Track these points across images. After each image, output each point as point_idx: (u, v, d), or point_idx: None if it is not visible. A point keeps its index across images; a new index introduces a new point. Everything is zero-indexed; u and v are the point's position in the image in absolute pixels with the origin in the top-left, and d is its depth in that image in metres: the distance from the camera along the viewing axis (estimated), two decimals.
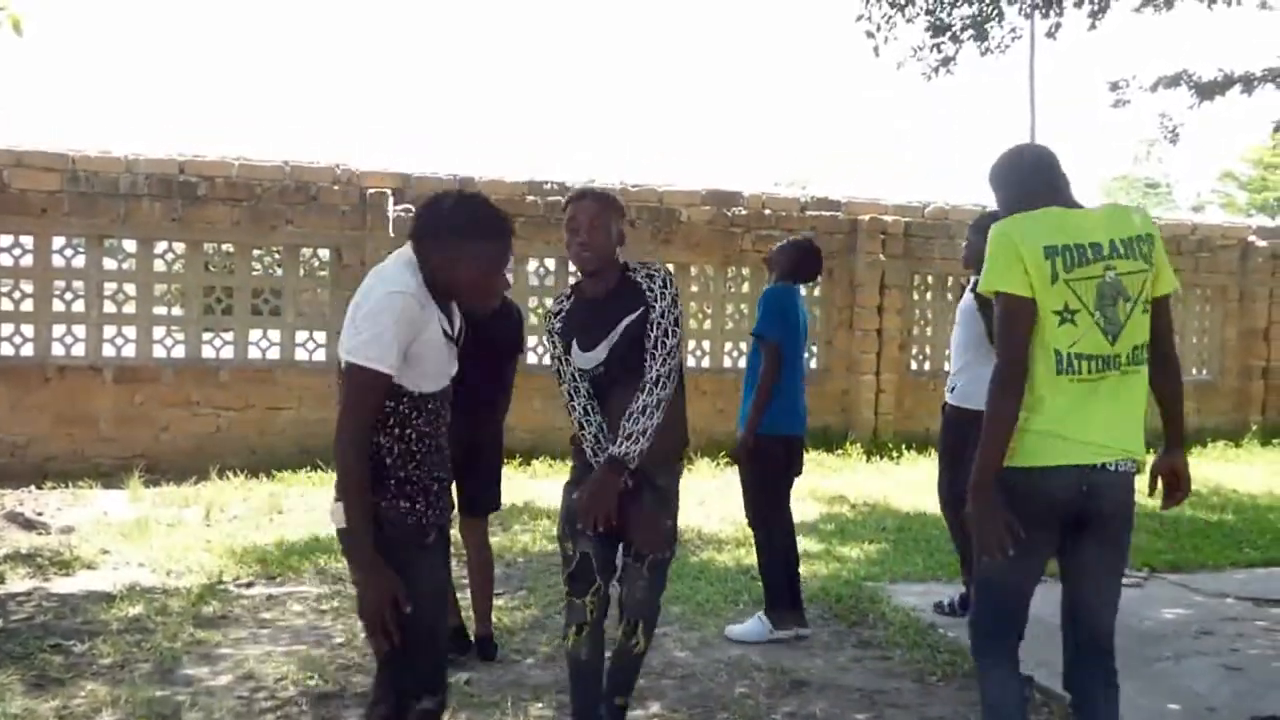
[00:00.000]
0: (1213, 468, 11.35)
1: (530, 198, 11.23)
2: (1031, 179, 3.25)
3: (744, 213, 11.94)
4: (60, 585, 6.06)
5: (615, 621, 3.78)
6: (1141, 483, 3.23)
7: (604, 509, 3.51)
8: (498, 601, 5.84)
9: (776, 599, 5.33)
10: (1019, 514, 3.07)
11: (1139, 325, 3.09)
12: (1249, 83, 10.20)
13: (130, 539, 7.06)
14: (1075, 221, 3.08)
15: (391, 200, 10.57)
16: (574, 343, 3.67)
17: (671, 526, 3.75)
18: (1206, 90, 10.25)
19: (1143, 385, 3.15)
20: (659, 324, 3.57)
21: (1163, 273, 3.14)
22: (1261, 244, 13.88)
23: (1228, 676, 4.72)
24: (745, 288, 12.11)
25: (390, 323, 2.77)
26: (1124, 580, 6.56)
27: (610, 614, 3.79)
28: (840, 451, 11.38)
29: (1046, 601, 5.80)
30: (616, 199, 3.73)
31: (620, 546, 3.72)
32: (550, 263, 11.45)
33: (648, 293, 3.60)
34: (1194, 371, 13.94)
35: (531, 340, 11.15)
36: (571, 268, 11.34)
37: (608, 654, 3.83)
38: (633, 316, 3.58)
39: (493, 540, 7.21)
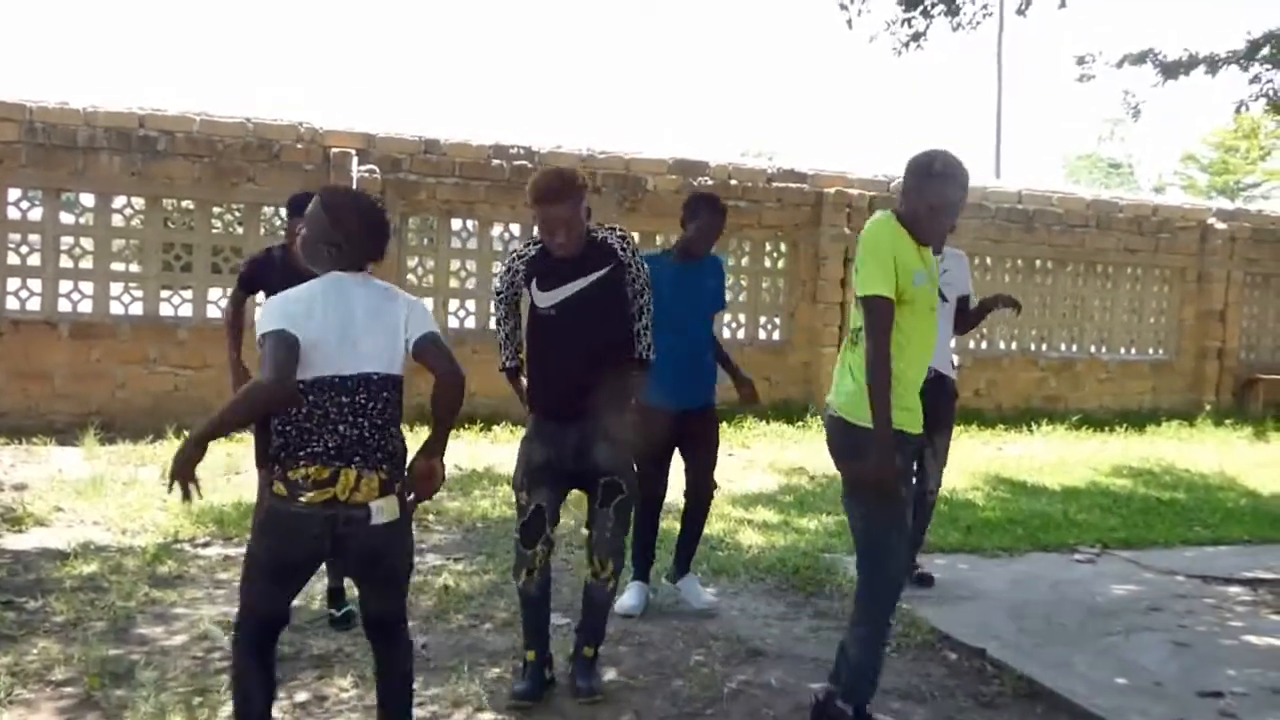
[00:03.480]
0: (1166, 446, 11.53)
1: (496, 161, 11.15)
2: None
3: (710, 183, 11.89)
4: (13, 542, 5.98)
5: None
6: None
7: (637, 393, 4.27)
8: (456, 566, 5.84)
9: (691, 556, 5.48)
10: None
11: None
12: (1213, 63, 10.26)
13: (85, 497, 6.98)
14: None
15: (355, 160, 10.45)
16: (534, 282, 4.04)
17: (632, 474, 4.17)
18: (1171, 69, 10.31)
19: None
20: (636, 273, 4.11)
21: None
22: (1221, 226, 14.04)
23: (1176, 652, 4.79)
24: None
25: None
26: (1076, 556, 6.71)
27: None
28: (800, 424, 11.42)
29: (997, 579, 5.91)
30: (578, 182, 3.91)
31: (588, 495, 4.14)
32: (515, 228, 11.38)
33: (620, 251, 4.05)
34: (1150, 351, 14.12)
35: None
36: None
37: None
38: (603, 271, 4.00)
39: (451, 505, 7.23)
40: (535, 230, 4.02)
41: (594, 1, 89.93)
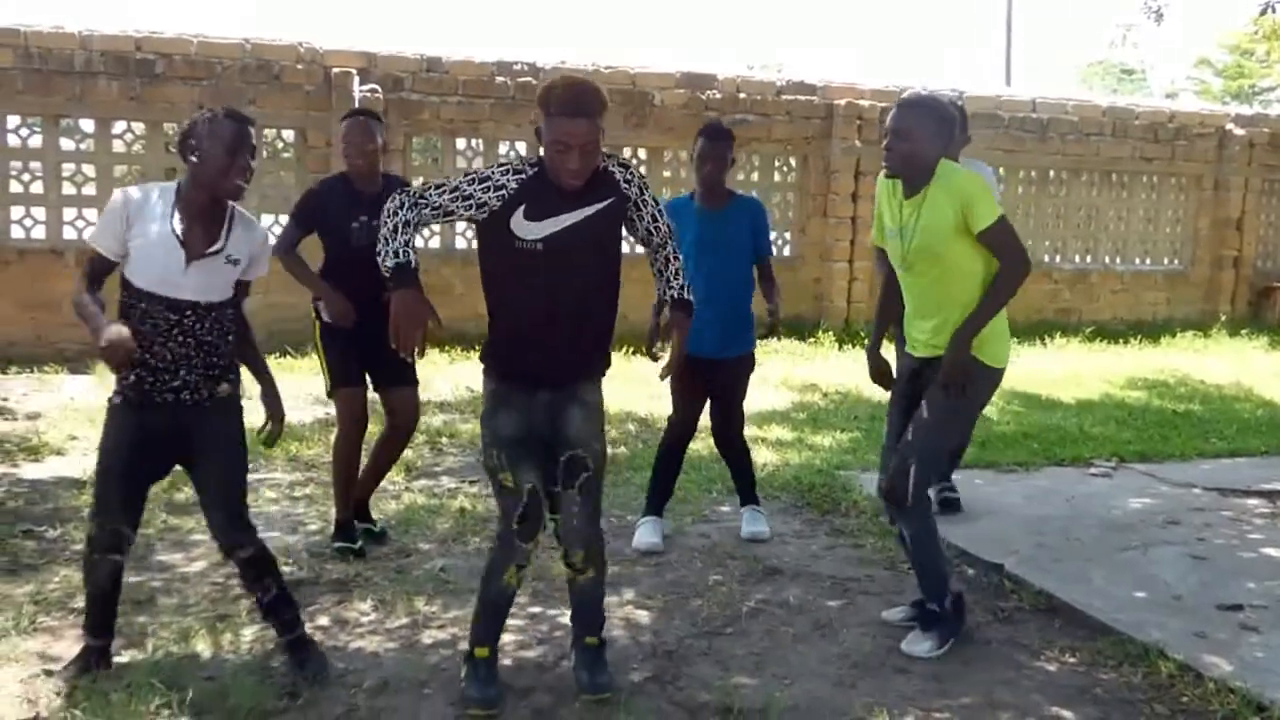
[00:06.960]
0: (1181, 358, 11.45)
1: (500, 79, 10.96)
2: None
3: (719, 96, 11.70)
4: (30, 471, 5.99)
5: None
6: None
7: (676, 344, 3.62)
8: (471, 489, 5.84)
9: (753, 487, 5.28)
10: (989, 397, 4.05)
11: None
12: None
13: (98, 425, 6.92)
14: None
15: (357, 80, 10.28)
16: (521, 209, 3.34)
17: (602, 445, 3.51)
18: None
19: None
20: (648, 206, 3.51)
21: None
22: (1239, 132, 13.78)
23: (1194, 566, 4.78)
24: None
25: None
26: (1092, 470, 6.69)
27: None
28: (812, 340, 11.38)
29: (1013, 494, 5.89)
30: (603, 97, 3.31)
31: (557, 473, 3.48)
32: (521, 146, 11.22)
33: (623, 184, 3.44)
34: (1165, 261, 13.97)
35: None
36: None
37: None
38: (602, 205, 3.39)
39: (463, 428, 7.21)
40: (541, 150, 3.38)
41: None
